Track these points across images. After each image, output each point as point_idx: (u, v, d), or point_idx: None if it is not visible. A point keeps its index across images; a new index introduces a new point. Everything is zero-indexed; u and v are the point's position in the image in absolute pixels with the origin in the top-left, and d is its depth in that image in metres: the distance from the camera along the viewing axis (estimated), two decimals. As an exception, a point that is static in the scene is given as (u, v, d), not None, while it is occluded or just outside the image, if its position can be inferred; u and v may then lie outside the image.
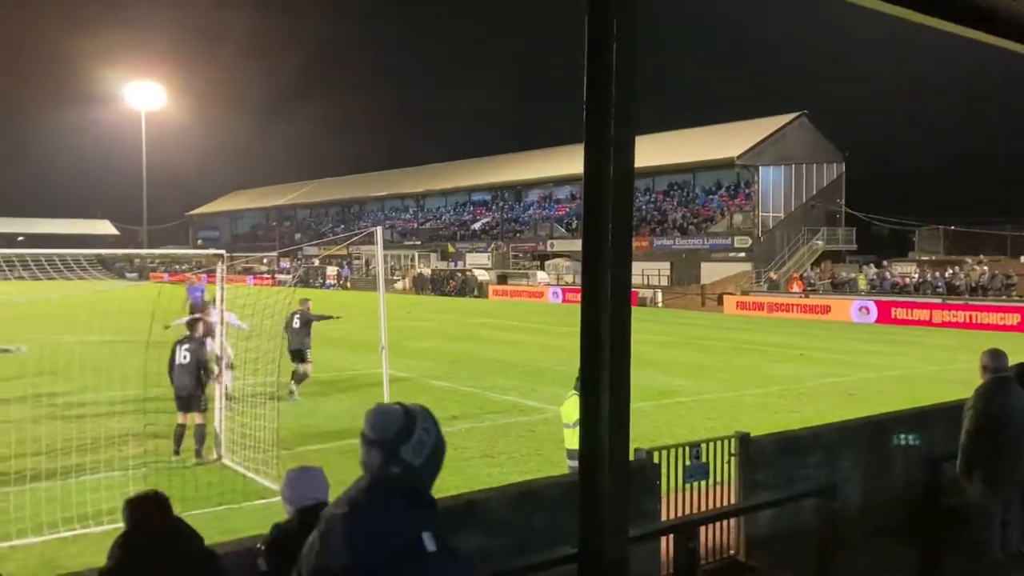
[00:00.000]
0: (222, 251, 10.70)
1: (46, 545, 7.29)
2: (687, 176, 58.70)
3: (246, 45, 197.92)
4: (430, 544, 2.17)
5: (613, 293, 4.16)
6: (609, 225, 4.12)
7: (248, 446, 9.80)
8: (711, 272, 50.10)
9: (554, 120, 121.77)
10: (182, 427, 10.60)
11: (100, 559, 6.80)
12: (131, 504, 3.44)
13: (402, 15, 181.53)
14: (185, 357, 10.58)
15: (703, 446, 6.67)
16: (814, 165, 55.38)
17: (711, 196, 57.05)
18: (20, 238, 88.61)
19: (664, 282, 50.34)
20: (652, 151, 51.73)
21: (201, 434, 10.53)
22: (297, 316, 15.60)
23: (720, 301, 43.80)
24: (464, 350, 23.03)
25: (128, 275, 66.72)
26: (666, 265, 51.43)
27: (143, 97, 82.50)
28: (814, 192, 55.05)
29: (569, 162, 64.54)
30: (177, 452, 10.42)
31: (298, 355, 15.40)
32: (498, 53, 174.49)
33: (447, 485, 9.23)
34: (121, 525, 7.43)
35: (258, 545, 3.48)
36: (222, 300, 10.68)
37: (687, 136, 55.30)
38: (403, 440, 2.19)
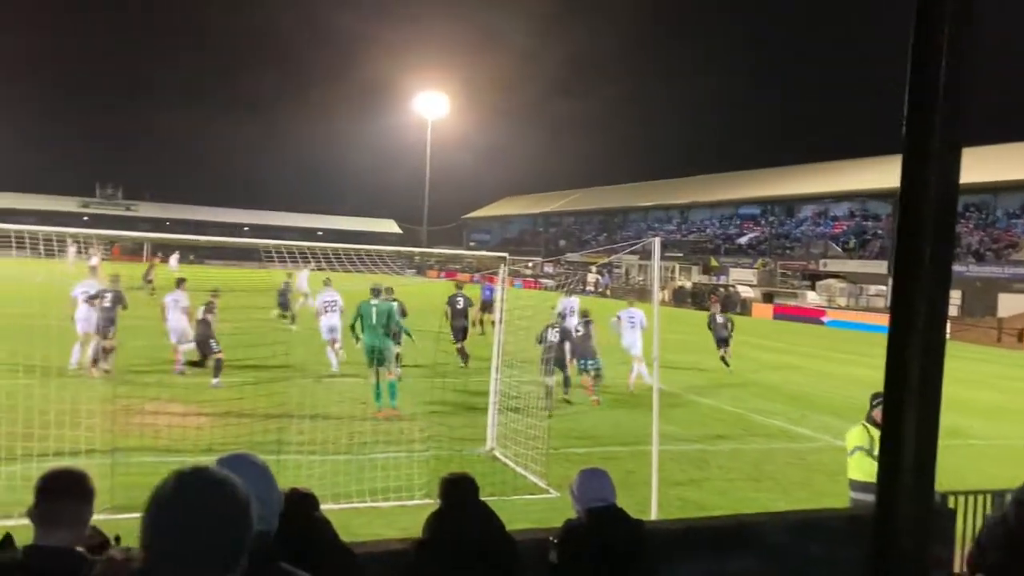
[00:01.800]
0: (504, 254, 11.27)
1: (341, 513, 8.00)
2: (987, 197, 53.23)
3: (523, 59, 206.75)
4: None
5: (927, 321, 3.88)
6: (927, 246, 3.86)
7: (519, 442, 10.25)
8: (1011, 304, 44.94)
9: (831, 133, 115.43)
10: None
11: (386, 531, 7.46)
12: (447, 482, 3.73)
13: (674, 23, 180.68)
14: None
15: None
16: None
17: (1015, 220, 51.25)
18: (319, 232, 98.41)
19: (953, 312, 45.84)
20: (946, 168, 47.27)
21: None
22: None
23: (1021, 337, 39.20)
24: (728, 369, 22.39)
25: (407, 272, 71.92)
26: (956, 294, 46.81)
27: (430, 106, 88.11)
28: None
29: (848, 178, 60.74)
30: None
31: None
32: (770, 64, 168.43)
33: (712, 504, 9.08)
34: (397, 503, 8.16)
35: (551, 538, 3.65)
36: (503, 299, 11.24)
37: (988, 153, 49.94)
38: None
